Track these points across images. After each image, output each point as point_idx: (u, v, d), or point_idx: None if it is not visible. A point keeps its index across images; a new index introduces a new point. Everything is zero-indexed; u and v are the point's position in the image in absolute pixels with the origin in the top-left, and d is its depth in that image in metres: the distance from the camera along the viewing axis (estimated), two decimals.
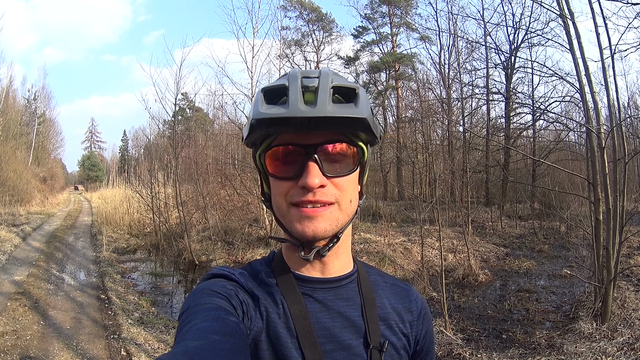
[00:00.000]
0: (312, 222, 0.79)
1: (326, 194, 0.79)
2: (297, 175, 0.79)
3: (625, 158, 6.00)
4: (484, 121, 23.10)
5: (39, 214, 21.71)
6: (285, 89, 0.77)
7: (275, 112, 0.75)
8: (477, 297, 8.78)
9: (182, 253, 13.11)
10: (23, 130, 35.84)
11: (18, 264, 10.06)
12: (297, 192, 0.79)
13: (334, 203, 0.80)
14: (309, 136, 0.78)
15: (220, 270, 0.85)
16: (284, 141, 0.81)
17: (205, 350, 0.60)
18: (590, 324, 6.02)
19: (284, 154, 0.81)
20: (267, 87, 0.80)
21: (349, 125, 0.78)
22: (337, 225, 0.82)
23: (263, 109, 0.76)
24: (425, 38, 24.98)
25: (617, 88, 6.64)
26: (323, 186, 0.79)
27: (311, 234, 0.79)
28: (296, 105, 0.74)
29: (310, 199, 0.78)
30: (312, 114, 0.73)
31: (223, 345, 0.62)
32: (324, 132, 0.78)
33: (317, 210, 0.79)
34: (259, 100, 0.78)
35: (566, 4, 6.35)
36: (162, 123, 19.39)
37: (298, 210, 0.79)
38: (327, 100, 0.75)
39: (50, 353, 5.28)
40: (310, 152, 0.78)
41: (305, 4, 29.09)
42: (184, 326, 0.69)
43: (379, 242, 12.28)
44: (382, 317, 0.89)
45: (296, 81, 0.77)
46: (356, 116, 0.76)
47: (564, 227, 14.50)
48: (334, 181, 0.80)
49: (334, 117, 0.74)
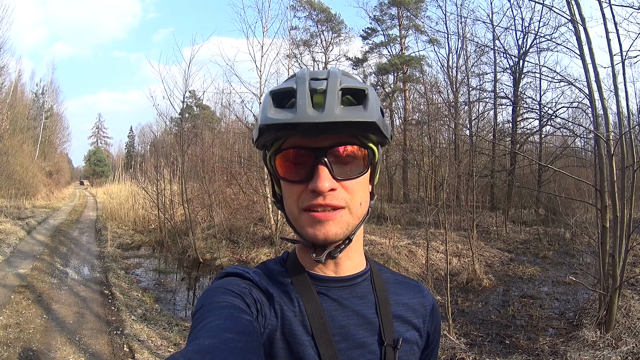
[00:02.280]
0: (323, 226, 0.79)
1: (336, 198, 0.79)
2: (308, 178, 0.79)
3: (633, 166, 5.96)
4: (490, 125, 23.01)
5: (44, 208, 21.88)
6: (293, 91, 0.77)
7: (283, 117, 0.75)
8: (481, 302, 8.74)
9: (187, 250, 13.13)
10: (30, 124, 36.07)
11: (22, 257, 10.14)
12: (307, 196, 0.79)
13: (345, 207, 0.80)
14: (319, 139, 0.78)
15: (234, 269, 0.86)
16: (294, 144, 0.80)
17: (219, 348, 0.60)
18: (594, 332, 5.98)
19: (294, 156, 0.81)
20: (275, 89, 0.80)
21: (358, 129, 0.77)
22: (347, 228, 0.81)
23: (271, 114, 0.76)
24: (434, 41, 24.88)
25: (628, 95, 6.57)
26: (333, 190, 0.78)
27: (322, 238, 0.79)
28: (304, 110, 0.74)
29: (321, 203, 0.78)
30: (319, 120, 0.73)
31: (236, 343, 0.62)
32: (333, 135, 0.78)
33: (328, 214, 0.79)
34: (267, 104, 0.78)
35: (577, 8, 6.31)
36: (169, 120, 19.43)
37: (309, 215, 0.79)
38: (336, 104, 0.74)
39: (53, 347, 5.30)
40: (320, 155, 0.78)
41: (314, 5, 29.12)
42: (198, 324, 0.69)
43: (384, 244, 12.23)
44: (396, 314, 0.89)
45: (304, 84, 0.76)
46: (365, 120, 0.75)
47: (568, 233, 14.41)
48: (344, 184, 0.80)
49: (342, 121, 0.74)
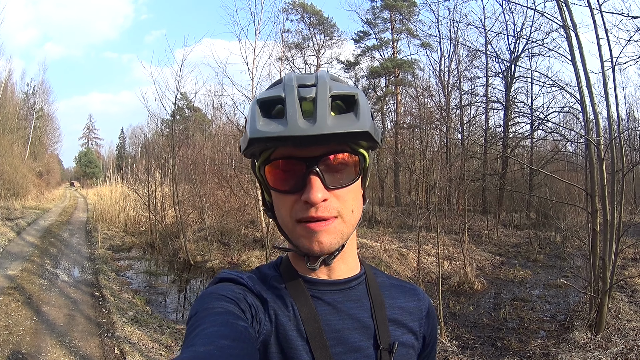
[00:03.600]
0: (317, 237, 0.78)
1: (328, 209, 0.78)
2: (299, 188, 0.77)
3: (623, 170, 6.04)
4: (482, 129, 23.17)
5: (34, 209, 21.63)
6: (281, 100, 0.75)
7: (273, 129, 0.72)
8: (473, 305, 8.78)
9: (178, 253, 13.08)
10: (20, 124, 35.71)
11: (12, 259, 9.99)
12: (301, 208, 0.78)
13: (337, 217, 0.79)
14: (309, 148, 0.77)
15: (228, 275, 0.85)
16: (284, 154, 0.79)
17: (214, 355, 0.59)
18: (584, 334, 6.04)
19: (284, 166, 0.79)
20: (262, 98, 0.77)
21: (350, 138, 0.75)
22: (342, 237, 0.81)
23: (260, 125, 0.73)
24: (426, 45, 25.02)
25: (617, 100, 6.66)
26: (326, 200, 0.77)
27: (318, 250, 0.79)
28: (295, 122, 0.71)
29: (314, 215, 0.77)
30: (311, 132, 0.71)
31: (232, 350, 0.62)
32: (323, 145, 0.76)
33: (321, 224, 0.77)
34: (255, 114, 0.75)
35: (569, 15, 6.40)
36: (160, 122, 19.37)
37: (304, 226, 0.78)
38: (327, 114, 0.72)
39: (43, 349, 5.23)
40: (311, 164, 0.76)
41: (307, 7, 29.17)
42: (192, 331, 0.68)
43: (376, 248, 12.26)
44: (392, 317, 0.88)
45: (292, 92, 0.74)
46: (358, 130, 0.73)
47: (559, 237, 14.53)
48: (335, 193, 0.79)
49: (334, 133, 0.72)
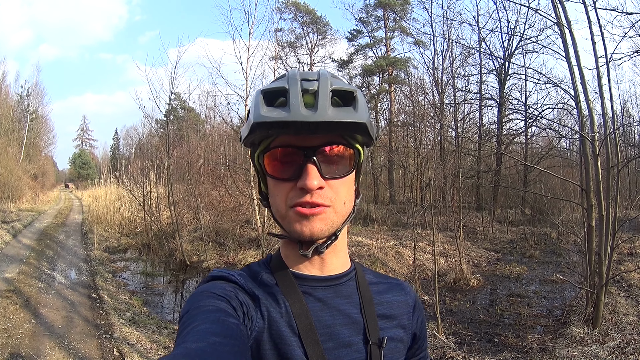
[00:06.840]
0: (309, 222, 0.81)
1: (322, 197, 0.81)
2: (296, 176, 0.81)
3: (618, 166, 6.07)
4: (476, 126, 23.22)
5: (30, 211, 21.58)
6: (285, 91, 0.78)
7: (276, 115, 0.76)
8: (469, 301, 8.82)
9: (173, 253, 13.07)
10: (15, 126, 35.57)
11: (8, 261, 9.96)
12: (296, 194, 0.81)
13: (330, 206, 0.82)
14: (308, 138, 0.80)
15: (219, 273, 0.86)
16: (283, 143, 0.82)
17: (206, 352, 0.60)
18: (581, 329, 6.08)
19: (283, 155, 0.82)
20: (266, 89, 0.81)
21: (348, 129, 0.79)
22: (332, 226, 0.83)
23: (264, 112, 0.77)
24: (420, 43, 24.99)
25: (612, 96, 6.70)
26: (321, 188, 0.80)
27: (308, 234, 0.81)
28: (297, 109, 0.75)
29: (308, 200, 0.80)
30: (313, 119, 0.74)
31: (224, 347, 0.62)
32: (322, 135, 0.80)
33: (314, 210, 0.80)
34: (258, 102, 0.79)
35: (563, 11, 6.43)
36: (154, 122, 19.31)
37: (296, 212, 0.81)
38: (327, 105, 0.76)
39: (42, 352, 5.23)
40: (309, 154, 0.80)
41: (300, 6, 29.15)
42: (185, 328, 0.69)
43: (371, 246, 12.29)
44: (380, 312, 0.91)
45: (296, 84, 0.78)
46: (356, 121, 0.77)
47: (555, 233, 14.61)
48: (330, 183, 0.82)
49: (334, 122, 0.76)
